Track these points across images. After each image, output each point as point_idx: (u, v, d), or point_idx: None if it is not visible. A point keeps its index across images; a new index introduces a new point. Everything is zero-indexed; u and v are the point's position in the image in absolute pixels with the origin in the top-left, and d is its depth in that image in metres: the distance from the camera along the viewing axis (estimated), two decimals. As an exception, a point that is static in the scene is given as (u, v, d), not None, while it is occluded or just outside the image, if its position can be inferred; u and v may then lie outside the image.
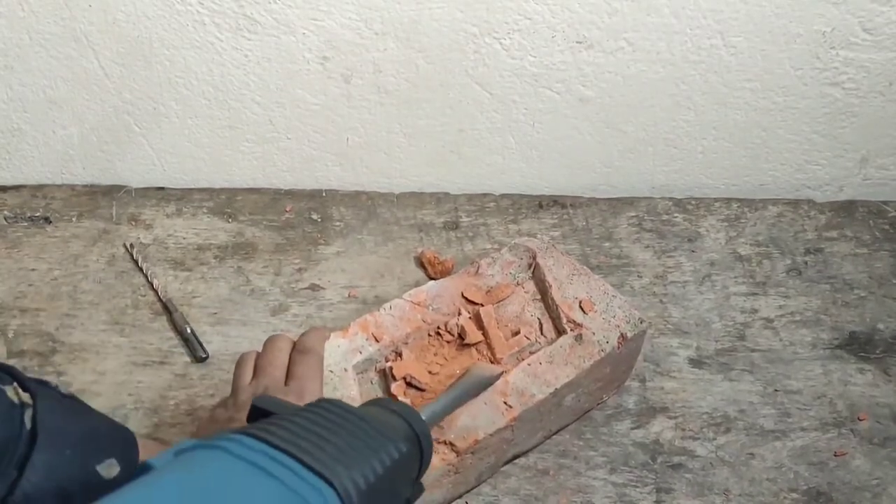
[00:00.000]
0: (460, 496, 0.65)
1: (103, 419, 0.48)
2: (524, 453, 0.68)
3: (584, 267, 0.72)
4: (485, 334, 0.67)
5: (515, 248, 0.74)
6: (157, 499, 0.29)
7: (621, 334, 0.66)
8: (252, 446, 0.32)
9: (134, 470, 0.45)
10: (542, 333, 0.68)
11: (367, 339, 0.66)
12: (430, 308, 0.69)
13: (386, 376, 0.65)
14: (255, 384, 0.58)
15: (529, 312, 0.70)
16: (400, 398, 0.62)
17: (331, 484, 0.32)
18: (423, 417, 0.49)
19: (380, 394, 0.65)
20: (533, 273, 0.72)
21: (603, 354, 0.65)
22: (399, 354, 0.66)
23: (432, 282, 0.72)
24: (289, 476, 0.32)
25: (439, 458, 0.58)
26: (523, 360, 0.65)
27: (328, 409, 0.38)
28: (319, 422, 0.36)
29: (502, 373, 0.64)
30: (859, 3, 0.78)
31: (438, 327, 0.68)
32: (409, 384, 0.64)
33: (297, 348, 0.61)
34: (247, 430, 0.34)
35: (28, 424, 0.42)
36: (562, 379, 0.63)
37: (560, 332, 0.67)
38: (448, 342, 0.67)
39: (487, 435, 0.60)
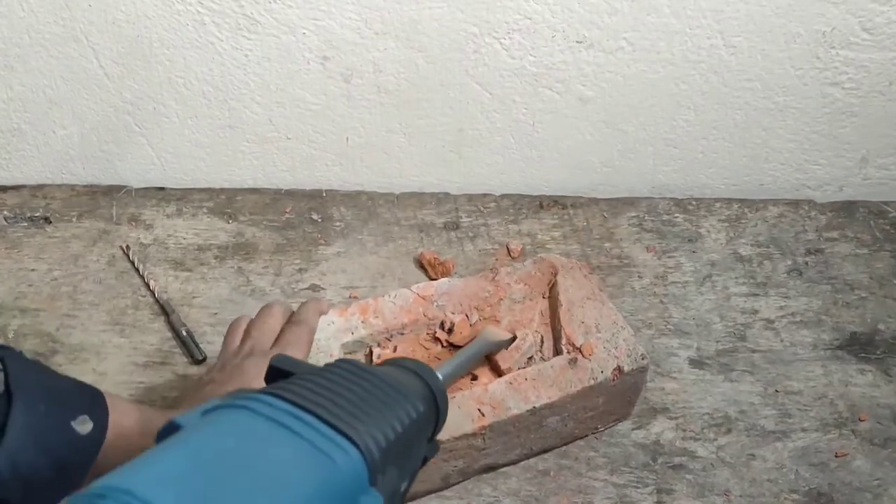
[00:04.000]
0: (426, 494, 0.64)
1: (69, 378, 0.48)
2: (501, 466, 0.66)
3: (603, 293, 0.70)
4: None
5: (540, 263, 0.72)
6: (189, 459, 0.29)
7: (618, 366, 0.63)
8: (277, 406, 0.32)
9: (105, 426, 0.46)
10: (540, 350, 0.67)
11: (362, 322, 0.66)
12: (436, 304, 0.68)
13: (370, 361, 0.65)
14: (241, 348, 0.59)
15: (535, 328, 0.68)
16: None
17: (354, 442, 0.32)
18: (439, 376, 0.49)
19: None
20: (550, 290, 0.71)
21: (593, 383, 0.63)
22: (394, 345, 0.66)
23: (445, 279, 0.72)
24: (314, 435, 0.31)
25: None
26: (525, 367, 0.65)
27: (346, 368, 0.38)
28: (338, 381, 0.36)
29: (514, 338, 0.64)
30: (859, 3, 0.78)
31: (436, 327, 0.68)
32: None
33: (291, 319, 0.62)
34: (269, 389, 0.33)
35: (1, 387, 0.41)
36: (543, 399, 0.61)
37: (558, 352, 0.66)
38: (442, 345, 0.67)
39: (452, 437, 0.59)
